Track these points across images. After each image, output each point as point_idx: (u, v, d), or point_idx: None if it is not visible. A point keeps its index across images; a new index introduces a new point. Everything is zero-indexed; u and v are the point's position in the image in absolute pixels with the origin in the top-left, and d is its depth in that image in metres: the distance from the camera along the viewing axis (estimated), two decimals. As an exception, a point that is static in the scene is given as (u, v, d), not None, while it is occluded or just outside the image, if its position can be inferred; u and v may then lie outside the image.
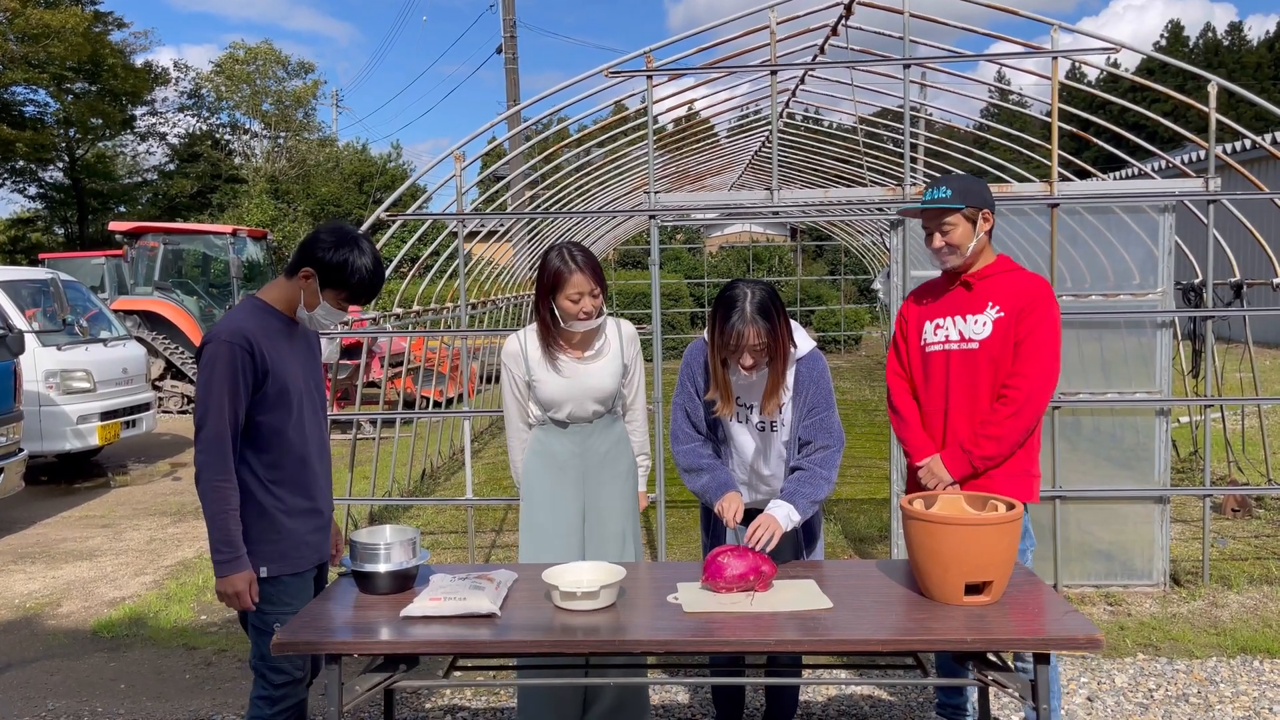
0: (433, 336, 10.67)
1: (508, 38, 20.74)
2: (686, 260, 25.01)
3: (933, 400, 3.42)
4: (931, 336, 3.42)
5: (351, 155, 37.80)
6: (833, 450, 3.24)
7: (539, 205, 10.90)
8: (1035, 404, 3.24)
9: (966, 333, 3.33)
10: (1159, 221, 5.35)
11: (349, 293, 2.94)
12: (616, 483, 3.52)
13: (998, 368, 3.28)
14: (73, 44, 25.53)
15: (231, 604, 2.89)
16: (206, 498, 2.82)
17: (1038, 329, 3.25)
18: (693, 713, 4.09)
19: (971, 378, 3.32)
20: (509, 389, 3.52)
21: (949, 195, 3.27)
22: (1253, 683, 4.28)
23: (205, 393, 2.81)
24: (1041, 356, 3.24)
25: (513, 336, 3.50)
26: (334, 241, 2.91)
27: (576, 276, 3.28)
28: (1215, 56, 43.61)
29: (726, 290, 3.14)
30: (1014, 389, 3.24)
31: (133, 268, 15.18)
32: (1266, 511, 7.02)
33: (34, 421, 8.74)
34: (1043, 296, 3.28)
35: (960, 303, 3.38)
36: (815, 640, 2.55)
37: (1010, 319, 3.27)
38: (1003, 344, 3.27)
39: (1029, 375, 3.23)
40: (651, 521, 6.21)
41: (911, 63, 5.46)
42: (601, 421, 3.49)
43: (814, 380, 3.25)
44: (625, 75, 5.59)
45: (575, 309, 3.31)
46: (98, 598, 5.97)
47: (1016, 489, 3.28)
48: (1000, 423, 3.24)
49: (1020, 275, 3.35)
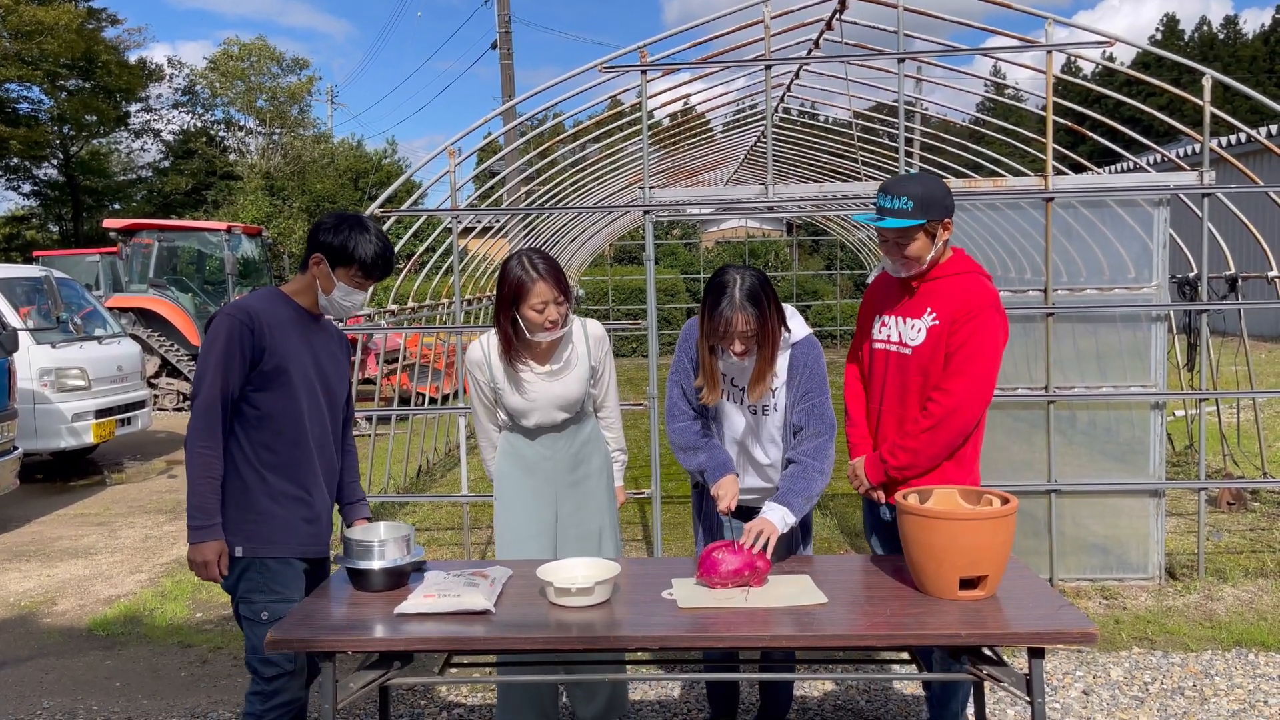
0: (428, 333, 10.66)
1: (503, 33, 20.71)
2: (683, 256, 25.03)
3: (872, 398, 3.36)
4: (877, 334, 3.33)
5: (347, 151, 37.71)
6: (825, 439, 3.19)
7: (534, 201, 10.89)
8: (957, 420, 3.09)
9: (904, 336, 3.22)
10: (1154, 215, 5.35)
11: (359, 267, 2.98)
12: (589, 480, 3.49)
13: (927, 377, 3.16)
14: (66, 41, 25.43)
15: (200, 573, 2.90)
16: (190, 464, 2.88)
17: (970, 341, 3.08)
18: (688, 708, 4.09)
19: (902, 383, 3.22)
20: (476, 395, 3.48)
21: (909, 208, 3.07)
22: (1248, 676, 4.29)
23: (203, 362, 2.89)
24: (970, 371, 3.08)
25: (475, 343, 3.44)
26: (335, 224, 2.98)
27: (539, 285, 3.18)
28: (1210, 50, 43.62)
29: (716, 276, 3.10)
30: (935, 403, 3.11)
31: (127, 265, 15.15)
32: (1261, 505, 7.04)
33: (29, 419, 8.73)
34: (982, 307, 3.10)
35: (903, 304, 3.26)
36: (810, 635, 2.55)
37: (944, 328, 3.12)
38: (933, 353, 3.14)
39: (953, 391, 3.09)
40: (647, 517, 6.21)
41: (906, 57, 5.46)
42: (570, 425, 3.45)
43: (808, 365, 3.21)
44: (620, 70, 5.58)
45: (540, 319, 3.22)
46: (93, 596, 5.96)
47: None
48: (917, 435, 3.13)
49: (965, 281, 3.16)
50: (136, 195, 33.55)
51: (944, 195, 3.15)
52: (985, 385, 3.10)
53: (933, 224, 3.11)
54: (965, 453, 3.20)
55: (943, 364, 3.11)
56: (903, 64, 5.43)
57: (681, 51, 5.77)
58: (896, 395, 3.24)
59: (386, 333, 9.26)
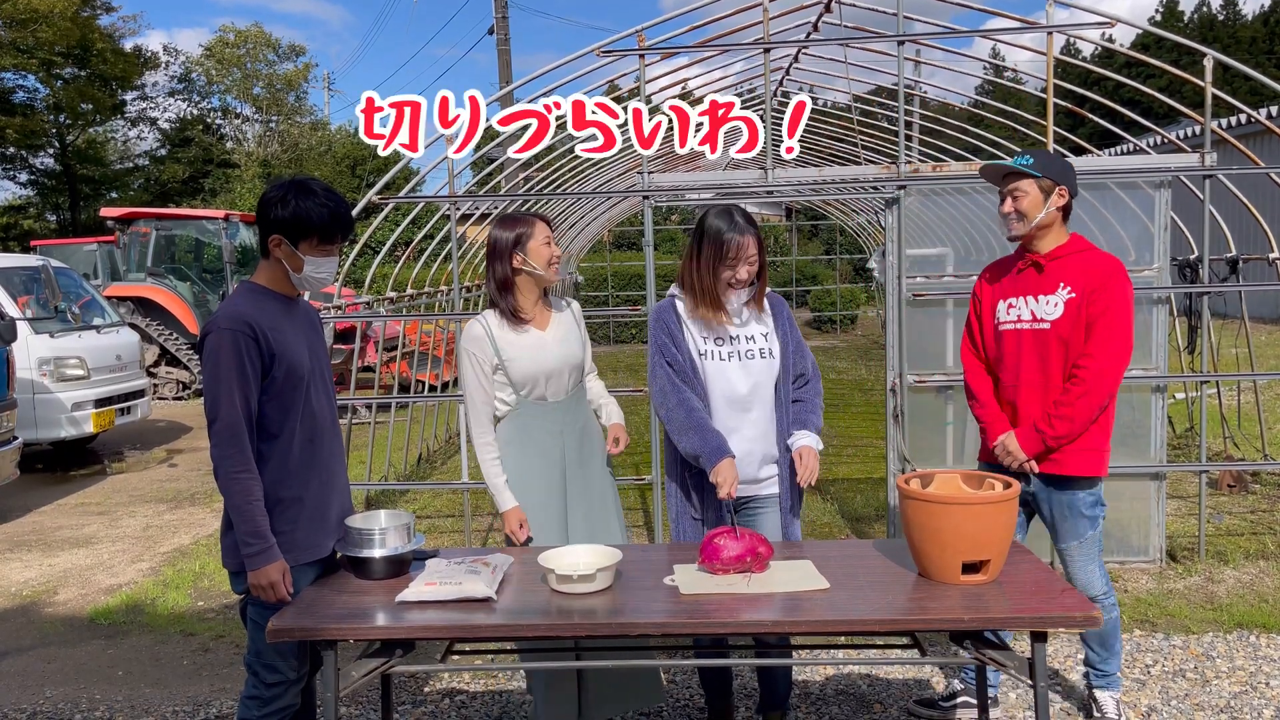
0: (427, 320, 10.64)
1: (499, 18, 20.60)
2: (682, 241, 24.96)
3: (1006, 378, 3.51)
4: (1004, 315, 3.50)
5: (344, 138, 37.56)
6: (816, 379, 3.47)
7: (532, 186, 10.85)
8: (1106, 383, 3.31)
9: (1038, 313, 3.41)
10: (1155, 197, 5.32)
11: (319, 235, 2.81)
12: (595, 460, 3.51)
13: (1069, 348, 3.35)
14: (61, 29, 25.34)
15: (266, 595, 2.75)
16: (228, 491, 2.72)
17: (1109, 309, 3.30)
18: (690, 694, 4.10)
19: (1043, 357, 3.39)
20: (475, 381, 3.37)
21: (1030, 162, 3.36)
22: (1249, 657, 4.29)
23: (213, 384, 2.71)
24: (1113, 336, 3.30)
25: (473, 321, 3.41)
26: (279, 196, 2.80)
27: (539, 225, 3.38)
28: (1211, 31, 43.42)
29: (708, 214, 3.32)
30: (1084, 369, 3.31)
31: (125, 254, 15.11)
32: (1262, 487, 7.04)
33: (28, 409, 8.71)
34: (1115, 276, 3.33)
35: (1032, 283, 3.45)
36: (812, 621, 2.55)
37: (1081, 299, 3.33)
38: (1073, 324, 3.34)
39: (1099, 355, 3.29)
40: (649, 504, 6.21)
41: (906, 39, 5.42)
42: (576, 394, 3.49)
43: (781, 305, 3.46)
44: (617, 54, 5.55)
45: (549, 252, 3.38)
46: (94, 585, 5.97)
47: (1088, 464, 3.39)
48: (1072, 402, 3.31)
49: (1093, 255, 3.40)
50: (134, 184, 33.47)
51: (1065, 168, 3.42)
52: (1126, 348, 3.33)
53: (1048, 182, 3.35)
54: (1104, 418, 3.42)
55: (1084, 333, 3.33)
56: (902, 46, 5.39)
57: (679, 35, 5.74)
58: (1038, 369, 3.41)
59: (386, 320, 9.24)
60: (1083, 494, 3.44)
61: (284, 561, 2.78)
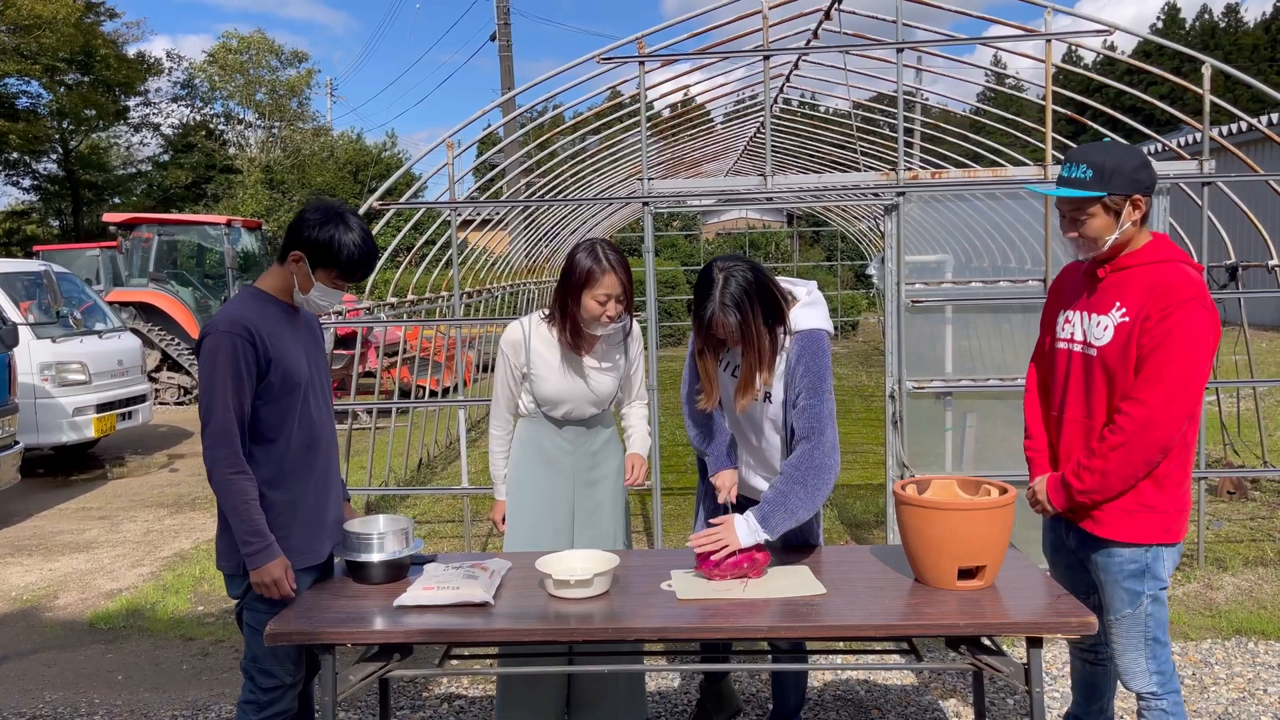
0: (428, 326, 10.65)
1: (502, 25, 20.66)
2: (683, 247, 24.98)
3: (1052, 405, 2.97)
4: (1061, 331, 2.92)
5: (346, 144, 37.67)
6: (813, 445, 2.95)
7: (534, 193, 10.87)
8: (1153, 435, 2.62)
9: (1090, 334, 2.78)
10: (1154, 204, 5.33)
11: (340, 271, 2.84)
12: (608, 481, 3.46)
13: (1114, 382, 2.72)
14: (65, 35, 25.37)
15: (270, 593, 2.77)
16: (223, 493, 2.73)
17: (1167, 341, 2.59)
18: (689, 699, 4.10)
19: (1088, 388, 2.80)
20: (503, 376, 3.44)
21: (1088, 177, 2.66)
22: (1247, 664, 4.29)
23: (208, 386, 2.72)
24: (1167, 377, 2.60)
25: (515, 324, 3.40)
26: (319, 220, 2.82)
27: (609, 278, 3.17)
28: (1212, 39, 43.47)
29: (703, 273, 2.97)
30: (1126, 415, 2.65)
31: (127, 259, 15.13)
32: (1262, 494, 7.04)
33: (29, 414, 8.73)
34: (1181, 301, 2.60)
35: (1090, 297, 2.82)
36: (808, 626, 2.55)
37: (1134, 325, 2.65)
38: (1122, 355, 2.68)
39: (1146, 401, 2.62)
40: (648, 509, 6.22)
41: (905, 46, 5.44)
42: (597, 420, 3.43)
43: (804, 359, 2.98)
44: (618, 61, 5.57)
45: (600, 311, 3.19)
46: (95, 589, 5.98)
47: (1134, 528, 2.74)
48: (1106, 454, 2.69)
49: (1163, 270, 2.67)
50: (136, 189, 33.49)
51: (1136, 168, 2.67)
52: (1186, 394, 2.61)
53: (1116, 199, 2.66)
54: (1168, 472, 2.72)
55: (1133, 368, 2.67)
56: (902, 54, 5.41)
57: (680, 42, 5.75)
58: (1081, 403, 2.83)
59: (387, 325, 9.26)
60: (1119, 559, 2.78)
61: (285, 558, 2.79)
